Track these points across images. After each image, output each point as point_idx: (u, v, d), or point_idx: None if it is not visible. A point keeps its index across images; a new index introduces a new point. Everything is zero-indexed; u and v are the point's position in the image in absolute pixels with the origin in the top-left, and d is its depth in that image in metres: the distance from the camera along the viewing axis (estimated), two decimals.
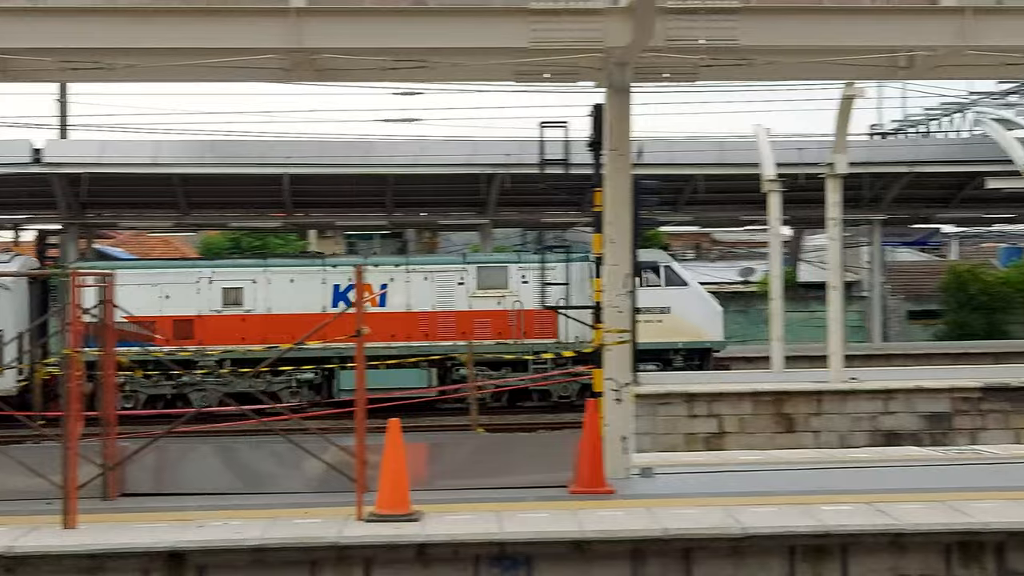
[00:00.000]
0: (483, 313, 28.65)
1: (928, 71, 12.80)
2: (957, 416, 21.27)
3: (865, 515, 9.50)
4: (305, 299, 27.99)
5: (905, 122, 40.83)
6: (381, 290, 28.65)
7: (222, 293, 28.41)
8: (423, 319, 28.71)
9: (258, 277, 28.69)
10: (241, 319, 28.29)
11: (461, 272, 29.24)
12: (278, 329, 27.49)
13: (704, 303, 30.52)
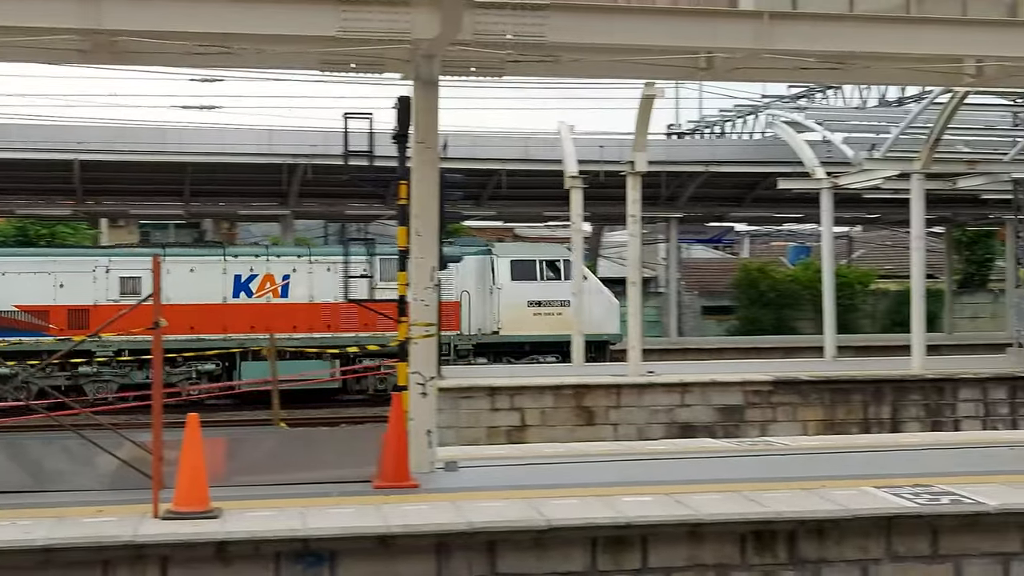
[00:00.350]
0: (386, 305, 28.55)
1: (727, 73, 13.14)
2: (749, 409, 22.00)
3: (664, 506, 9.70)
4: (205, 289, 27.56)
5: (701, 123, 41.99)
6: (283, 281, 28.54)
7: (119, 282, 27.81)
8: (325, 310, 28.57)
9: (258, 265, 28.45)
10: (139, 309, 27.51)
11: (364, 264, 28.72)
12: (178, 319, 26.32)
13: (602, 298, 31.10)
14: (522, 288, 29.74)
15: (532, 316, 29.91)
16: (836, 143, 28.20)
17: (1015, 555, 9.66)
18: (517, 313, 29.93)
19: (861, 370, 23.84)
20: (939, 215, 37.64)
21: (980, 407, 22.95)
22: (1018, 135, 26.88)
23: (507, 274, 30.28)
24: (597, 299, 30.74)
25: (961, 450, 13.44)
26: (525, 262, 30.15)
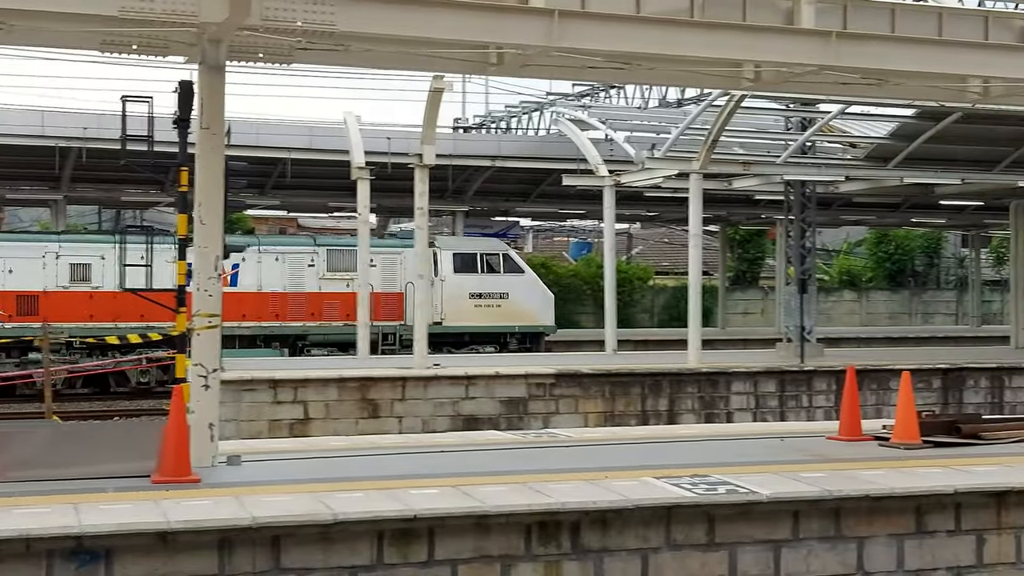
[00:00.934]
0: (332, 295, 29.23)
1: (517, 68, 13.26)
2: (532, 401, 22.33)
3: (451, 498, 9.72)
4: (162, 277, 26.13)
5: (487, 118, 42.28)
6: (232, 270, 28.40)
7: (69, 269, 27.64)
8: (274, 300, 29.06)
9: (107, 253, 27.75)
10: (89, 296, 27.57)
11: (312, 254, 29.91)
12: (129, 307, 26.32)
13: (539, 290, 32.40)
14: (464, 280, 30.48)
15: (473, 307, 30.81)
16: (619, 142, 28.84)
17: (785, 542, 10.06)
18: (459, 304, 30.63)
19: (640, 364, 24.47)
20: (715, 214, 38.95)
21: (751, 399, 23.88)
22: (790, 138, 28.02)
23: (450, 266, 30.96)
24: (533, 292, 32.10)
25: (735, 441, 13.90)
26: (467, 255, 31.02)
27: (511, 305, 31.20)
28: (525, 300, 31.28)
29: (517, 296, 31.54)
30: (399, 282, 30.28)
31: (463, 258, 31.22)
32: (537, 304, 32.08)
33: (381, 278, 30.32)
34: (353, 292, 28.72)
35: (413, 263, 29.34)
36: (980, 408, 24.36)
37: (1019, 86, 14.38)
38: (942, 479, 10.83)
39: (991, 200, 33.15)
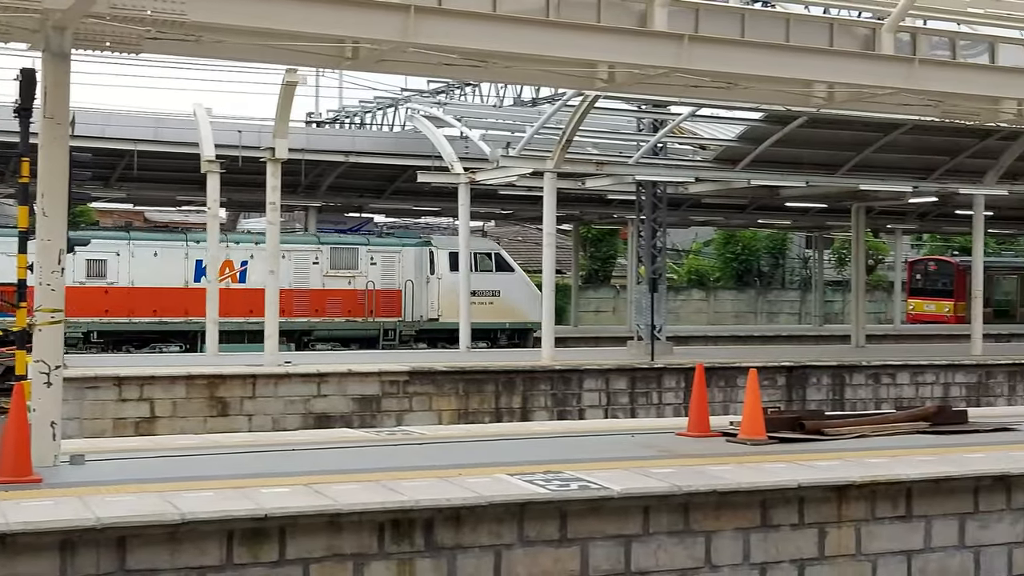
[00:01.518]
0: (335, 292, 30.67)
1: (373, 64, 13.20)
2: (386, 399, 22.22)
3: (303, 496, 9.60)
4: (169, 272, 28.39)
5: (341, 113, 41.95)
6: (241, 267, 29.94)
7: (85, 264, 28.28)
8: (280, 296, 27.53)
9: (122, 249, 29.02)
10: (104, 291, 28.51)
11: (316, 252, 31.23)
12: (142, 302, 28.21)
13: (527, 288, 33.80)
14: (451, 277, 31.25)
15: (471, 303, 31.11)
16: (474, 139, 28.89)
17: (636, 537, 10.19)
18: (454, 301, 31.01)
19: (494, 361, 24.56)
20: (568, 213, 39.30)
21: (603, 397, 24.18)
22: (642, 139, 28.43)
23: (446, 265, 32.32)
24: (523, 290, 33.63)
25: (588, 437, 14.05)
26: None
27: (502, 302, 32.70)
28: (515, 298, 32.87)
29: (508, 294, 33.12)
30: (398, 280, 31.75)
31: (457, 257, 31.46)
32: (526, 301, 33.34)
33: (381, 275, 31.80)
34: (355, 289, 30.84)
35: (411, 262, 32.29)
36: (823, 405, 25.11)
37: (862, 92, 14.85)
38: (786, 474, 11.11)
39: (834, 202, 34.17)
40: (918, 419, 15.00)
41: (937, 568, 11.29)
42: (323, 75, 41.57)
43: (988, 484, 11.54)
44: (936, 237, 58.10)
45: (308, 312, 30.47)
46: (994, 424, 15.28)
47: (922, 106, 16.34)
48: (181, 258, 29.75)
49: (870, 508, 11.04)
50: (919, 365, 27.26)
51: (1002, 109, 16.23)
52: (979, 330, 29.98)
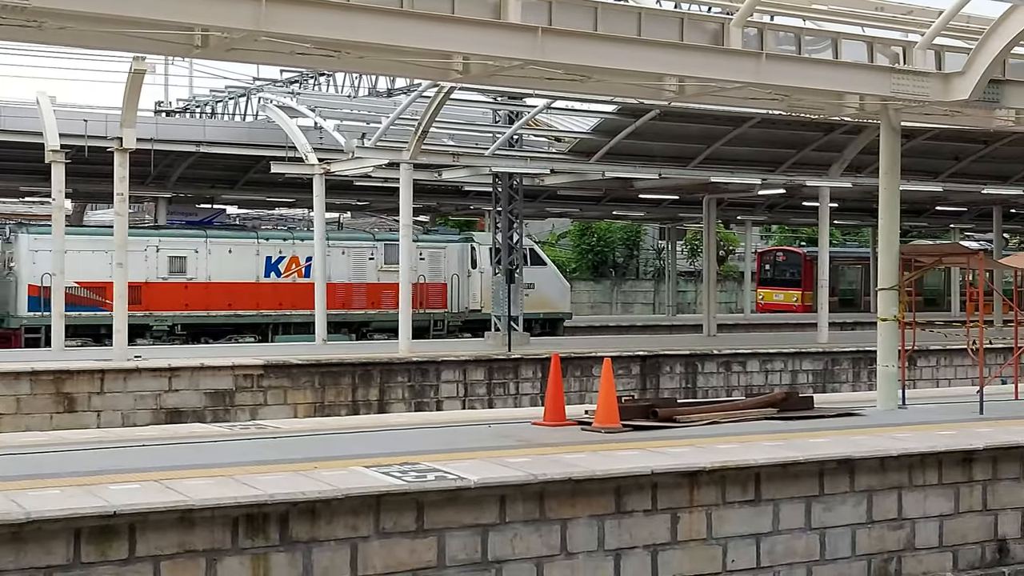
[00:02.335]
0: (389, 286, 31.53)
1: (223, 52, 12.98)
2: (239, 393, 21.93)
3: (153, 493, 9.41)
4: (241, 268, 30.25)
5: (191, 102, 41.17)
6: (306, 262, 31.48)
7: (168, 261, 30.37)
8: (341, 290, 31.99)
9: (200, 247, 31.03)
10: (184, 287, 30.42)
11: (372, 248, 33.43)
12: (217, 296, 30.23)
13: (559, 281, 36.68)
14: (489, 273, 32.89)
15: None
16: (329, 130, 28.62)
17: (492, 526, 10.24)
18: (489, 294, 32.97)
19: (350, 353, 24.41)
20: (425, 204, 39.25)
21: (461, 388, 24.24)
22: (498, 131, 28.54)
23: (487, 259, 33.96)
24: (554, 282, 36.13)
25: (444, 429, 14.07)
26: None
27: (537, 294, 34.26)
28: (548, 290, 35.16)
29: (541, 286, 34.97)
30: (444, 273, 34.13)
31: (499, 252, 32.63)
32: (557, 293, 35.93)
33: (429, 270, 34.01)
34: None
35: (455, 257, 34.71)
36: (676, 393, 25.58)
37: (711, 85, 15.14)
38: (640, 461, 11.29)
39: (686, 194, 34.82)
40: (767, 405, 15.39)
41: (784, 550, 11.61)
42: (172, 63, 40.81)
43: (833, 468, 11.90)
44: (784, 228, 59.65)
45: (366, 305, 32.82)
46: (839, 409, 15.77)
47: (769, 100, 16.76)
48: (252, 255, 31.91)
49: (721, 493, 11.29)
50: (768, 353, 27.97)
51: (845, 104, 16.71)
52: (825, 319, 30.88)
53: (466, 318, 34.44)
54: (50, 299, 26.02)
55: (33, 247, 28.86)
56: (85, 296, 28.81)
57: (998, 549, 12.86)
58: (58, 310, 24.99)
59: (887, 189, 16.42)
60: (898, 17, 16.39)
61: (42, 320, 27.61)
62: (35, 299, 28.95)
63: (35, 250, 29.11)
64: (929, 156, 30.81)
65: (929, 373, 29.18)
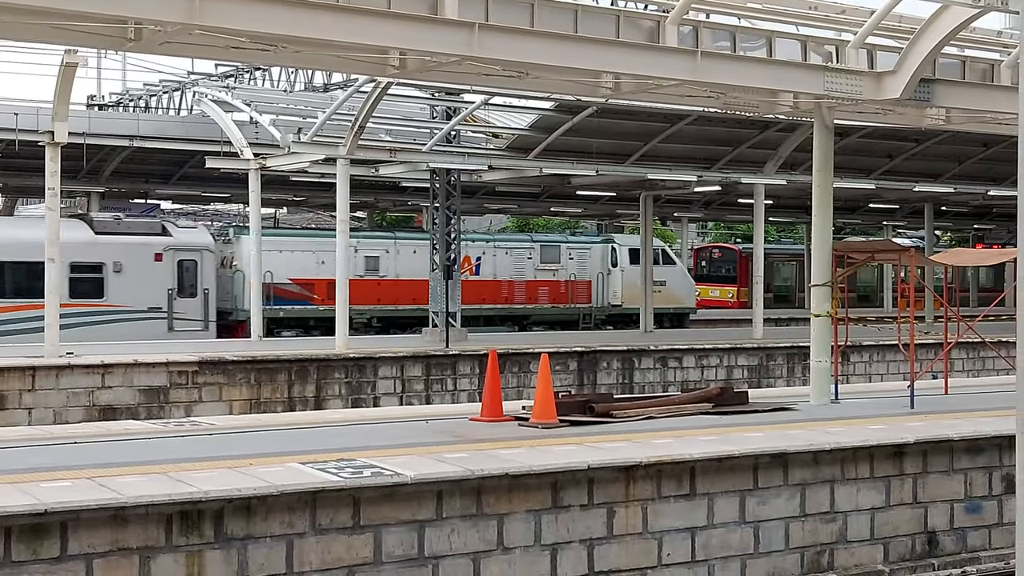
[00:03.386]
0: (544, 283, 36.53)
1: (157, 46, 12.84)
2: (174, 389, 21.72)
3: (85, 490, 9.31)
4: (424, 267, 31.52)
5: (125, 96, 40.69)
6: (476, 261, 35.43)
7: (364, 260, 33.37)
8: (504, 287, 35.84)
9: (390, 248, 34.47)
10: (377, 283, 33.54)
11: (530, 249, 37.08)
12: (404, 292, 33.55)
13: (686, 278, 40.52)
14: (637, 270, 35.03)
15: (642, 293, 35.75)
16: (264, 125, 28.38)
17: (429, 522, 10.24)
18: (633, 290, 36.38)
19: (287, 350, 24.26)
20: (362, 200, 39.08)
21: (398, 384, 24.18)
22: (435, 127, 28.48)
23: (627, 259, 37.96)
24: (682, 280, 39.90)
25: (382, 425, 14.04)
26: (637, 250, 35.56)
27: (668, 290, 37.78)
28: (678, 287, 38.83)
29: (672, 284, 38.54)
30: (589, 271, 37.57)
31: (635, 252, 36.37)
32: (685, 290, 39.51)
33: (576, 268, 37.40)
34: (558, 280, 36.87)
35: (599, 256, 38.13)
36: (613, 388, 25.71)
37: (648, 83, 15.23)
38: (576, 456, 11.34)
39: (623, 191, 34.97)
40: (702, 401, 15.51)
41: (719, 544, 11.72)
42: (105, 57, 40.28)
43: (767, 462, 12.03)
44: (720, 225, 60.11)
45: (525, 300, 36.31)
46: (773, 404, 15.93)
47: (705, 97, 16.89)
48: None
49: (656, 487, 11.38)
50: (704, 349, 28.18)
51: (780, 101, 16.89)
52: (760, 315, 31.17)
53: (608, 312, 37.81)
54: (271, 294, 31.06)
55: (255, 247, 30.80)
56: (297, 292, 32.45)
57: (928, 541, 13.07)
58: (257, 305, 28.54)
59: (820, 186, 16.61)
60: (831, 16, 16.57)
61: (265, 313, 30.23)
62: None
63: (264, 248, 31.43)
64: (862, 154, 31.19)
65: (862, 368, 29.55)
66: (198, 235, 32.06)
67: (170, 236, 31.28)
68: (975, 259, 23.26)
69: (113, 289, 29.86)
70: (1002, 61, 17.39)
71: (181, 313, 30.66)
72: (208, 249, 31.49)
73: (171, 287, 30.51)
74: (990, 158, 33.07)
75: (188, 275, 30.95)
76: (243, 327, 30.73)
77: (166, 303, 30.41)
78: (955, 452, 13.32)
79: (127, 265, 30.07)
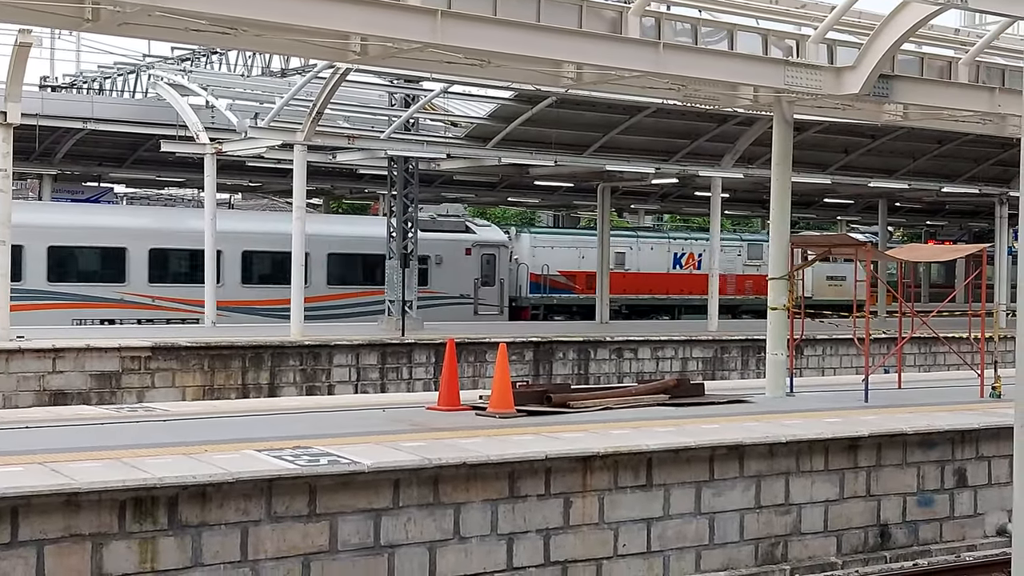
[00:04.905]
0: (750, 276, 42.08)
1: (114, 27, 12.66)
2: (126, 375, 21.52)
3: (37, 475, 9.19)
4: (657, 262, 38.36)
5: (78, 77, 40.17)
6: (698, 258, 40.58)
7: (614, 256, 37.19)
8: (728, 280, 39.56)
9: (633, 245, 40.27)
10: (623, 276, 38.42)
11: (739, 247, 43.20)
12: (643, 284, 39.52)
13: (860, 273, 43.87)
14: (823, 267, 39.63)
15: (828, 286, 42.47)
16: (221, 109, 28.17)
17: (386, 510, 10.19)
18: (821, 284, 42.46)
19: (241, 336, 24.08)
20: (319, 187, 38.87)
21: (353, 372, 24.07)
22: (394, 114, 28.35)
23: None
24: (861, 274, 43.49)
25: (338, 413, 13.96)
26: None
27: (847, 284, 40.38)
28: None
29: (849, 278, 40.56)
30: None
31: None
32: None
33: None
34: (761, 275, 36.12)
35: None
36: (569, 379, 25.72)
37: (609, 73, 15.21)
38: (534, 446, 11.32)
39: (581, 182, 35.00)
40: (659, 392, 15.55)
41: (675, 535, 11.74)
42: (59, 37, 39.77)
43: (723, 453, 12.07)
44: (676, 218, 60.20)
45: (736, 292, 41.29)
46: (729, 396, 16.00)
47: (666, 89, 16.89)
48: (665, 251, 41.06)
49: (613, 478, 11.38)
50: (659, 340, 28.27)
51: (740, 95, 16.94)
52: (715, 306, 31.31)
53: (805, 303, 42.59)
54: (546, 284, 38.20)
55: (532, 244, 38.09)
56: (563, 282, 38.54)
57: (880, 534, 13.17)
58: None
59: (779, 180, 16.68)
60: (792, 11, 16.62)
61: (541, 300, 38.22)
62: (535, 284, 38.47)
63: (534, 246, 38.71)
64: (819, 149, 31.39)
65: (815, 362, 29.76)
66: (496, 233, 38.26)
67: (474, 234, 37.24)
68: (930, 255, 23.46)
69: (435, 278, 35.18)
70: (959, 59, 17.52)
71: (484, 299, 36.39)
72: (504, 245, 37.31)
73: (476, 277, 36.31)
74: (944, 155, 33.42)
75: (488, 267, 36.79)
76: (526, 312, 37.67)
77: (472, 291, 36.17)
78: (908, 446, 13.42)
79: (446, 258, 35.63)
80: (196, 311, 29.58)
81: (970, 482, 13.88)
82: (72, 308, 29.84)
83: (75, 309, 29.92)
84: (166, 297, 31.11)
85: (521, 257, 38.26)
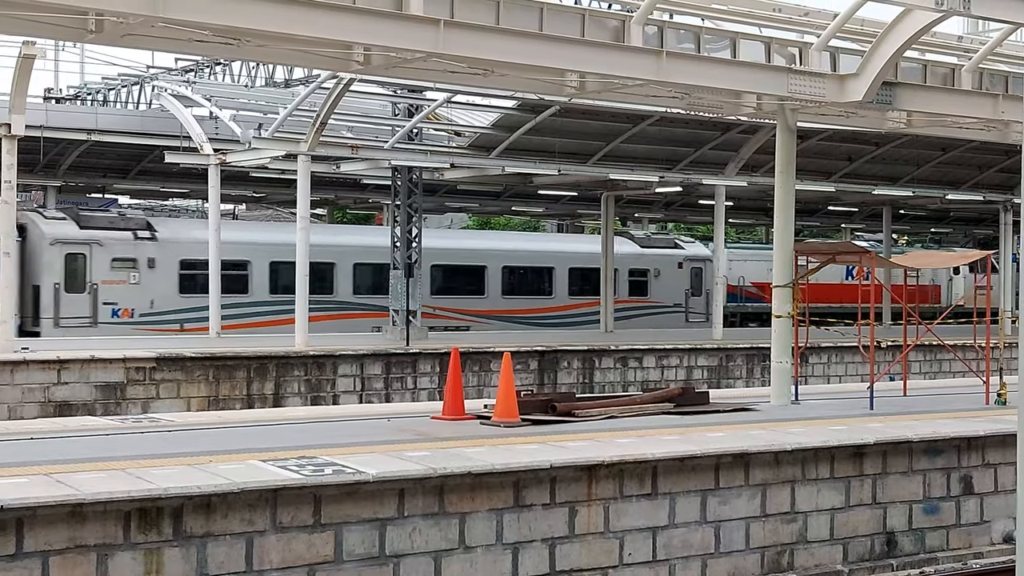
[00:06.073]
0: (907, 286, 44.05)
1: (118, 38, 12.70)
2: (131, 386, 21.53)
3: (42, 487, 9.19)
4: (834, 272, 37.49)
5: (83, 89, 40.24)
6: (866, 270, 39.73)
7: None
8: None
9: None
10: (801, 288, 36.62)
11: None
12: (822, 293, 39.51)
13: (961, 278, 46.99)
14: (970, 277, 42.85)
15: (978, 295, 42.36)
16: (225, 120, 28.22)
17: (391, 520, 10.17)
18: (970, 293, 40.68)
19: (246, 347, 24.09)
20: (323, 197, 38.90)
21: (358, 382, 24.07)
22: (397, 124, 28.38)
23: (966, 267, 44.52)
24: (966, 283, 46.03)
25: (342, 423, 13.96)
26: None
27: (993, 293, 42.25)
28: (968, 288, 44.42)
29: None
30: (939, 278, 47.24)
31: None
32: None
33: (931, 273, 45.06)
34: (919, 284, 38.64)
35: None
36: (573, 387, 25.71)
37: (612, 82, 15.23)
38: (539, 455, 11.30)
39: (585, 191, 35.00)
40: (664, 400, 15.53)
41: (681, 543, 11.72)
42: (63, 49, 39.83)
43: (728, 462, 12.04)
44: (680, 226, 60.23)
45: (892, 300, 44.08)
46: (734, 405, 15.97)
47: (670, 98, 16.91)
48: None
49: (618, 487, 11.36)
50: (664, 349, 28.24)
51: (743, 103, 16.94)
52: (720, 315, 31.28)
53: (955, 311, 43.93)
54: (741, 294, 42.69)
55: (729, 258, 39.55)
56: (755, 292, 42.15)
57: (886, 542, 13.13)
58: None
59: (782, 188, 16.67)
60: (795, 19, 16.66)
61: (737, 309, 42.42)
62: (731, 294, 41.46)
63: (731, 260, 41.26)
64: (823, 157, 31.38)
65: (821, 370, 29.73)
66: (701, 249, 41.33)
67: (683, 249, 41.03)
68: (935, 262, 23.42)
69: (654, 289, 39.39)
70: (962, 66, 17.53)
71: (693, 309, 39.79)
72: (709, 259, 38.42)
73: (687, 288, 39.96)
74: (948, 162, 33.39)
75: (696, 280, 40.22)
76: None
77: (683, 301, 39.83)
78: (914, 453, 13.40)
79: (663, 271, 39.55)
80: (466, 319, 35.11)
81: (976, 489, 13.84)
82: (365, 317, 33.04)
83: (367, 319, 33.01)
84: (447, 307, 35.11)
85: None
